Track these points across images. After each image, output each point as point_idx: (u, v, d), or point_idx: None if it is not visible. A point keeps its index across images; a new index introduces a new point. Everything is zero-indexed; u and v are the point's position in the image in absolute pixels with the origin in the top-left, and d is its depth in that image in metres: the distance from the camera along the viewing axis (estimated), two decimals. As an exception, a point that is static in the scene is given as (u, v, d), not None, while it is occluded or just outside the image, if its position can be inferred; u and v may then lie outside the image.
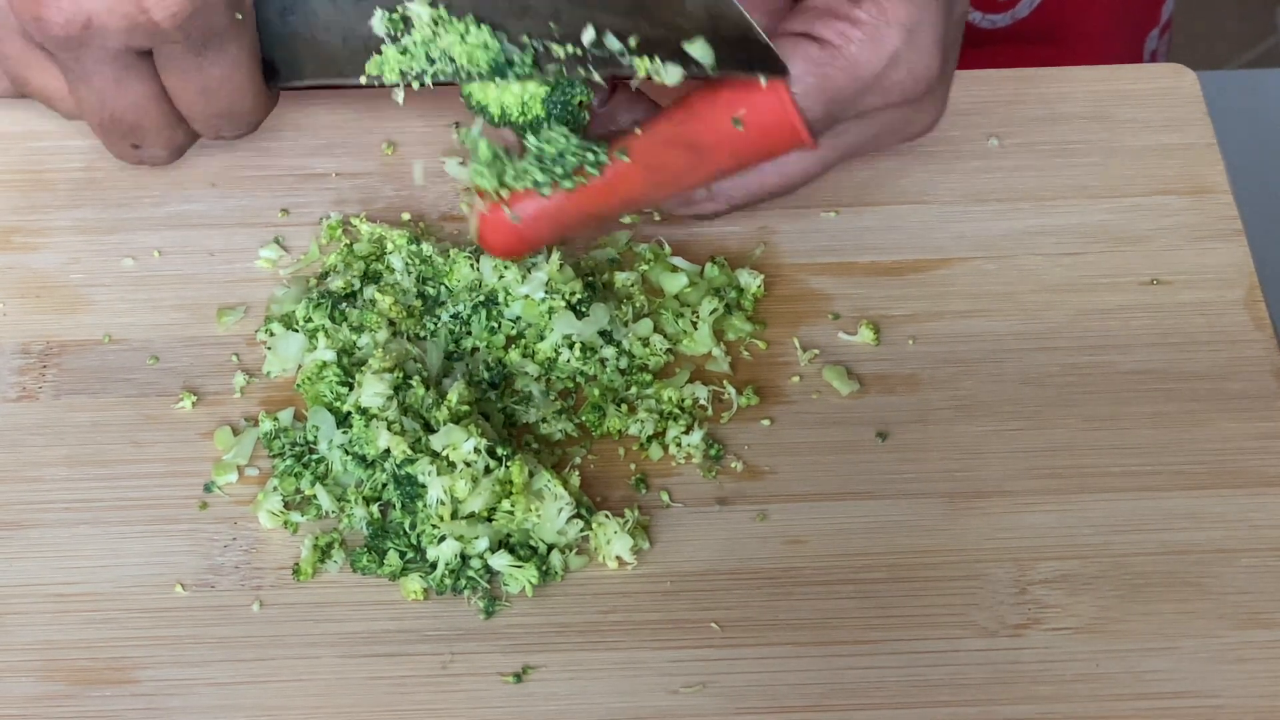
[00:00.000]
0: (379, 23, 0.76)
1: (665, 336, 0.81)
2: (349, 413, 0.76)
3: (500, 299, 0.80)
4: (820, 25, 0.74)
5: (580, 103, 0.75)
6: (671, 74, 0.73)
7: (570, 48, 0.74)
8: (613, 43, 0.74)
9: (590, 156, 0.75)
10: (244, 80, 0.77)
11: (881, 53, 0.74)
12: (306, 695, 0.71)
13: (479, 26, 0.75)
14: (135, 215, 0.85)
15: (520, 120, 0.75)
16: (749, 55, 0.73)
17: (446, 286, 0.80)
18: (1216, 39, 2.06)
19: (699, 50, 0.73)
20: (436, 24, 0.75)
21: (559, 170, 0.75)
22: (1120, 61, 1.08)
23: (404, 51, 0.76)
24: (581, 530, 0.74)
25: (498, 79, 0.75)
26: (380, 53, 0.76)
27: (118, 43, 0.74)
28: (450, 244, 0.82)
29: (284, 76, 0.79)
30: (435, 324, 0.80)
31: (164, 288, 0.83)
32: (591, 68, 0.74)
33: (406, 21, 0.76)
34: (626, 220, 0.84)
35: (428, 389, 0.76)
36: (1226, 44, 2.06)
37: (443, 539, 0.73)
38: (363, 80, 0.77)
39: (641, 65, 0.74)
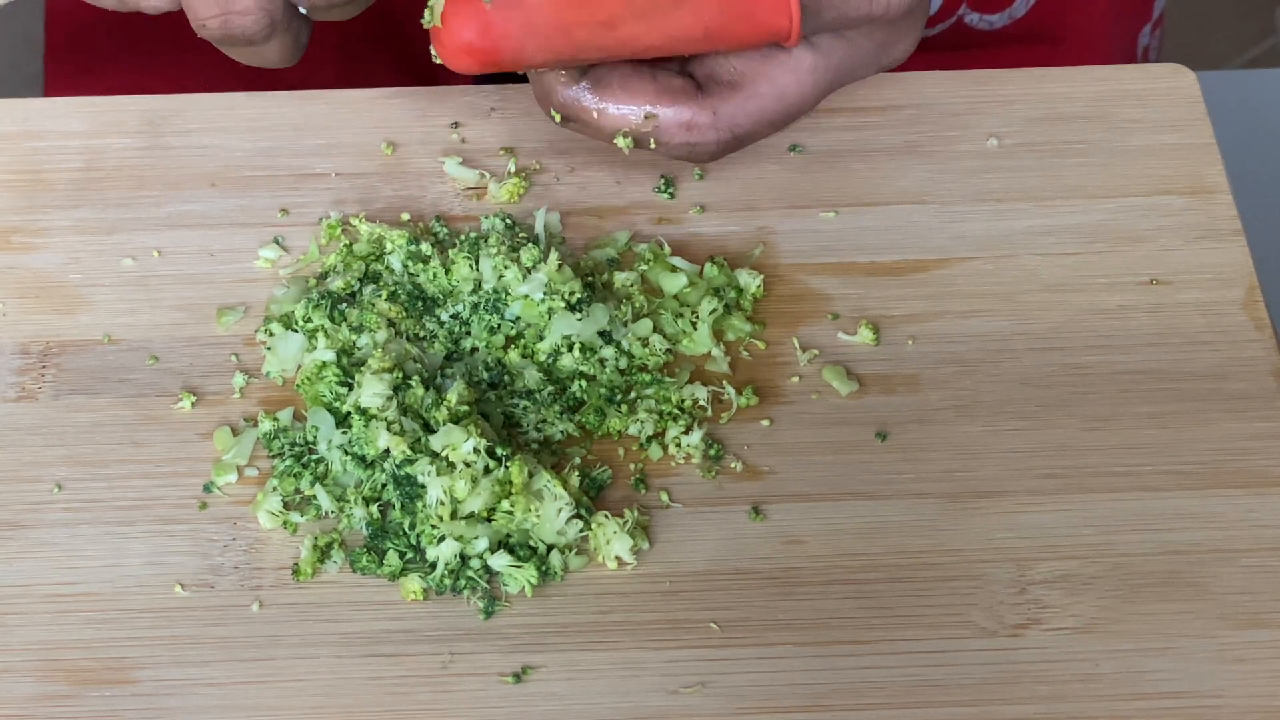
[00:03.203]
0: None
1: (665, 336, 0.81)
2: (349, 413, 0.76)
3: (501, 299, 0.80)
4: None
5: None
6: None
7: None
8: None
9: None
10: None
11: None
12: (306, 695, 0.71)
13: None
14: (135, 215, 0.85)
15: None
16: None
17: (442, 287, 0.80)
18: (1216, 39, 2.06)
19: None
20: None
21: None
22: (1115, 58, 1.08)
23: None
24: (581, 530, 0.74)
25: None
26: None
27: None
28: (450, 243, 0.82)
29: None
30: (438, 325, 0.80)
31: (164, 288, 0.82)
32: None
33: None
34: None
35: (427, 389, 0.76)
36: (1226, 44, 2.06)
37: (442, 539, 0.73)
38: None
39: None
